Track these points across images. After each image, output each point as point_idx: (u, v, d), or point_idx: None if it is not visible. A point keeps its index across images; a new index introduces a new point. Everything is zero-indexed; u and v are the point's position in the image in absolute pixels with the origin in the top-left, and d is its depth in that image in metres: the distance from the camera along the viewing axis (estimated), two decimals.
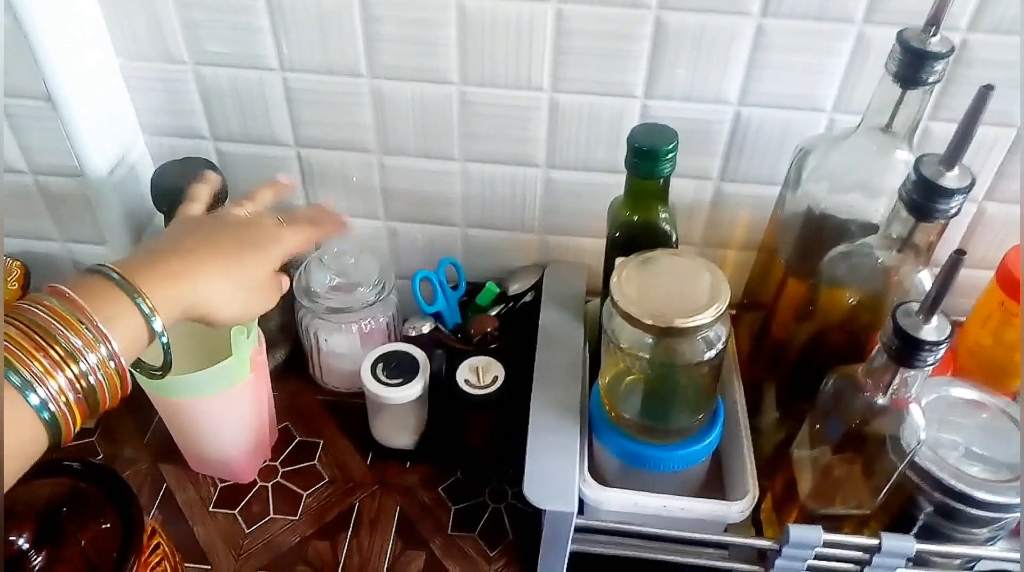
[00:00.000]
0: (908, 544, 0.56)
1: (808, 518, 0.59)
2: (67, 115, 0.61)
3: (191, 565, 0.63)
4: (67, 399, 0.37)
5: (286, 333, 0.76)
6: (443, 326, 0.72)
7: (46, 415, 0.36)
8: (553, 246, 0.74)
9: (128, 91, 0.66)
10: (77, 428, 0.39)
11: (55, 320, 0.37)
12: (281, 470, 0.70)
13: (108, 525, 0.46)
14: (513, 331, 0.72)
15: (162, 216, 0.73)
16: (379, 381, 0.65)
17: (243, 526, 0.66)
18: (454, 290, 0.74)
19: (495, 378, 0.66)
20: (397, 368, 0.66)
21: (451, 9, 0.59)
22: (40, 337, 0.37)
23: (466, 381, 0.66)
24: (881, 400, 0.51)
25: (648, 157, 0.57)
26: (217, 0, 0.60)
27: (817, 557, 0.58)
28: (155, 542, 0.48)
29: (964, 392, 0.61)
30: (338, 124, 0.67)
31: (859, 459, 0.55)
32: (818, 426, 0.56)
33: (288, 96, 0.66)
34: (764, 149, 0.65)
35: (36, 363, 0.36)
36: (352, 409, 0.75)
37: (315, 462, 0.71)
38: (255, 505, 0.68)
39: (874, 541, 0.56)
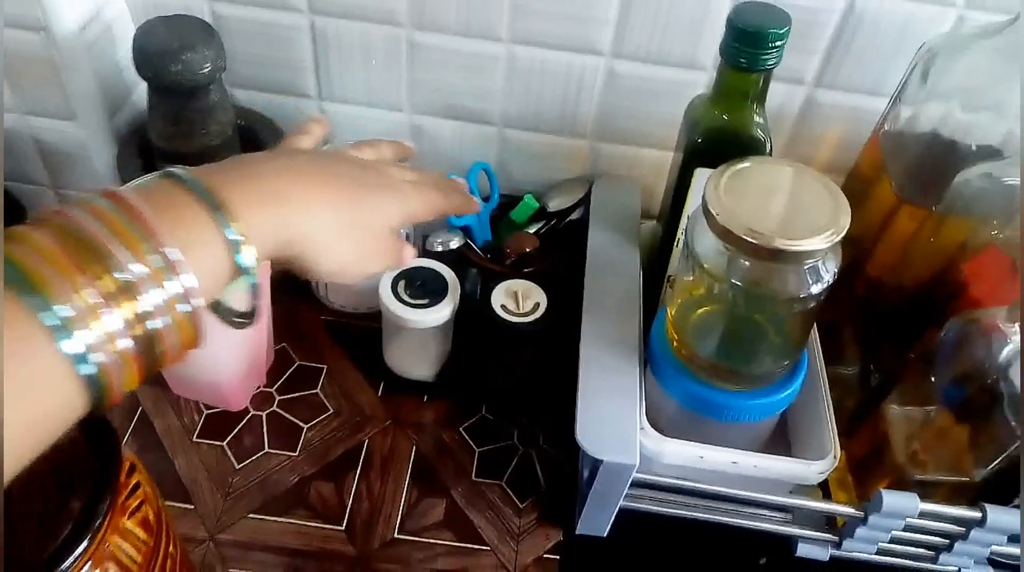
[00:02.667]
0: (1015, 519, 0.48)
1: (897, 484, 0.51)
2: None
3: (170, 504, 0.54)
4: (118, 349, 0.26)
5: None
6: (472, 242, 0.62)
7: (87, 369, 0.25)
8: (604, 156, 0.64)
9: None
10: (126, 390, 0.27)
11: (110, 234, 0.26)
12: (278, 398, 0.61)
13: (76, 453, 0.36)
14: (554, 253, 0.62)
15: (144, 88, 0.61)
16: (402, 301, 0.55)
17: (233, 461, 0.57)
18: (485, 202, 0.64)
19: (536, 305, 0.56)
20: (422, 287, 0.56)
21: None
22: (86, 256, 0.25)
23: (503, 307, 0.56)
24: (1019, 351, 0.42)
25: (753, 42, 0.46)
26: None
27: (906, 528, 0.50)
28: (134, 481, 0.39)
29: None
30: None
31: (973, 419, 0.47)
32: (932, 379, 0.47)
33: None
34: (875, 50, 0.55)
35: (77, 293, 0.25)
36: (360, 333, 0.65)
37: (317, 391, 0.61)
38: (247, 437, 0.58)
39: (976, 514, 0.49)
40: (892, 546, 0.53)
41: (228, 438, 0.58)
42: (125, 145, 0.60)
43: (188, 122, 0.54)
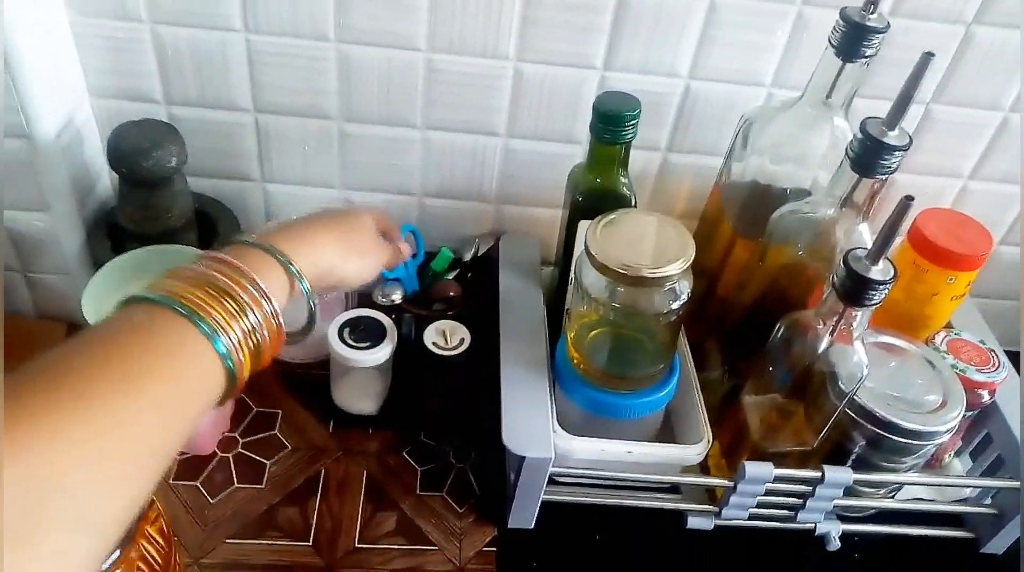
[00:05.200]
0: (846, 475, 0.63)
1: (758, 458, 0.64)
2: (18, 71, 0.58)
3: None
4: (244, 350, 0.39)
5: None
6: (404, 291, 0.73)
7: (229, 363, 0.38)
8: (508, 216, 0.77)
9: (77, 50, 0.64)
10: (244, 379, 0.40)
11: (227, 279, 0.40)
12: (241, 441, 0.69)
13: None
14: (473, 297, 0.74)
15: (107, 180, 0.71)
16: (347, 345, 0.66)
17: (207, 497, 0.65)
18: (413, 258, 0.75)
19: (462, 340, 0.68)
20: (365, 332, 0.67)
21: None
22: (215, 291, 0.39)
23: (434, 343, 0.67)
24: (829, 340, 0.57)
25: (614, 122, 0.61)
26: None
27: (766, 493, 0.64)
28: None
29: (886, 339, 0.68)
30: (300, 89, 0.67)
31: (804, 398, 0.61)
32: (770, 368, 0.61)
33: (251, 59, 0.65)
34: (709, 121, 0.70)
35: (217, 314, 0.38)
36: (309, 380, 0.74)
37: (276, 432, 0.71)
38: (218, 475, 0.67)
39: (817, 473, 0.62)
40: (759, 510, 0.66)
41: (201, 478, 0.66)
42: (93, 230, 0.69)
43: (155, 208, 0.64)
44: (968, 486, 0.71)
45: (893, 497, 0.70)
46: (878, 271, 0.52)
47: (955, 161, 0.75)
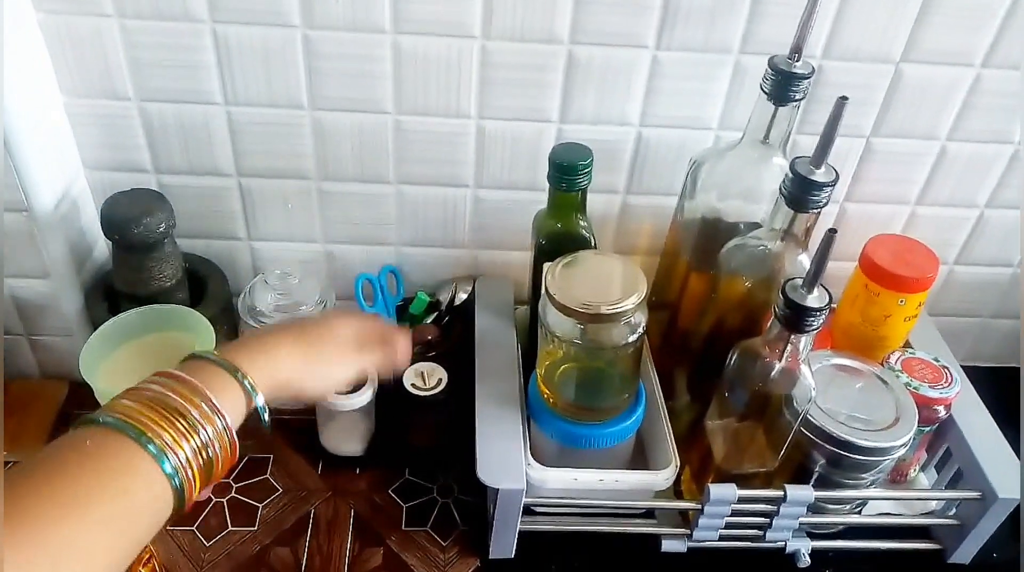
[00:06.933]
0: (808, 493, 0.66)
1: (723, 480, 0.67)
2: (17, 151, 0.63)
3: None
4: (192, 468, 0.42)
5: None
6: None
7: (176, 482, 0.41)
8: (482, 260, 0.81)
9: (71, 127, 0.69)
10: (196, 496, 0.43)
11: (177, 397, 0.42)
12: (235, 486, 0.73)
13: None
14: (450, 338, 0.78)
15: (102, 245, 0.75)
16: None
17: (203, 540, 0.68)
18: (392, 296, 0.80)
19: (439, 380, 0.72)
20: None
21: (387, 46, 0.66)
22: (166, 412, 0.42)
23: (413, 385, 0.71)
24: (778, 364, 0.60)
25: (568, 172, 0.65)
26: (165, 40, 0.65)
27: (734, 513, 0.67)
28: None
29: (842, 361, 0.71)
30: (279, 154, 0.72)
31: (762, 420, 0.64)
32: (727, 395, 0.65)
33: (232, 129, 0.70)
34: (662, 164, 0.75)
35: (166, 434, 0.41)
36: (298, 426, 0.78)
37: (267, 476, 0.74)
38: (212, 520, 0.70)
39: (779, 493, 0.65)
40: (729, 531, 0.69)
41: (197, 523, 0.70)
42: (90, 293, 0.74)
43: (147, 271, 0.68)
44: (929, 499, 0.74)
45: (859, 513, 0.73)
46: (814, 299, 0.56)
47: (901, 188, 0.79)
